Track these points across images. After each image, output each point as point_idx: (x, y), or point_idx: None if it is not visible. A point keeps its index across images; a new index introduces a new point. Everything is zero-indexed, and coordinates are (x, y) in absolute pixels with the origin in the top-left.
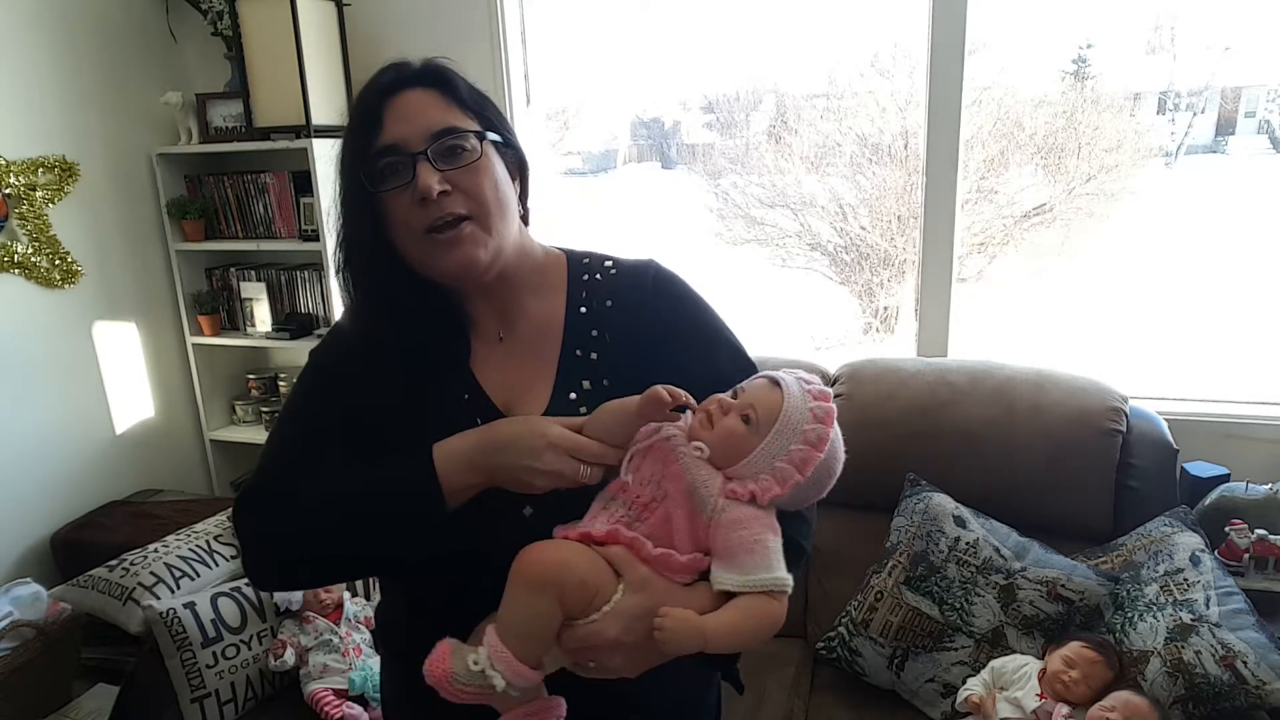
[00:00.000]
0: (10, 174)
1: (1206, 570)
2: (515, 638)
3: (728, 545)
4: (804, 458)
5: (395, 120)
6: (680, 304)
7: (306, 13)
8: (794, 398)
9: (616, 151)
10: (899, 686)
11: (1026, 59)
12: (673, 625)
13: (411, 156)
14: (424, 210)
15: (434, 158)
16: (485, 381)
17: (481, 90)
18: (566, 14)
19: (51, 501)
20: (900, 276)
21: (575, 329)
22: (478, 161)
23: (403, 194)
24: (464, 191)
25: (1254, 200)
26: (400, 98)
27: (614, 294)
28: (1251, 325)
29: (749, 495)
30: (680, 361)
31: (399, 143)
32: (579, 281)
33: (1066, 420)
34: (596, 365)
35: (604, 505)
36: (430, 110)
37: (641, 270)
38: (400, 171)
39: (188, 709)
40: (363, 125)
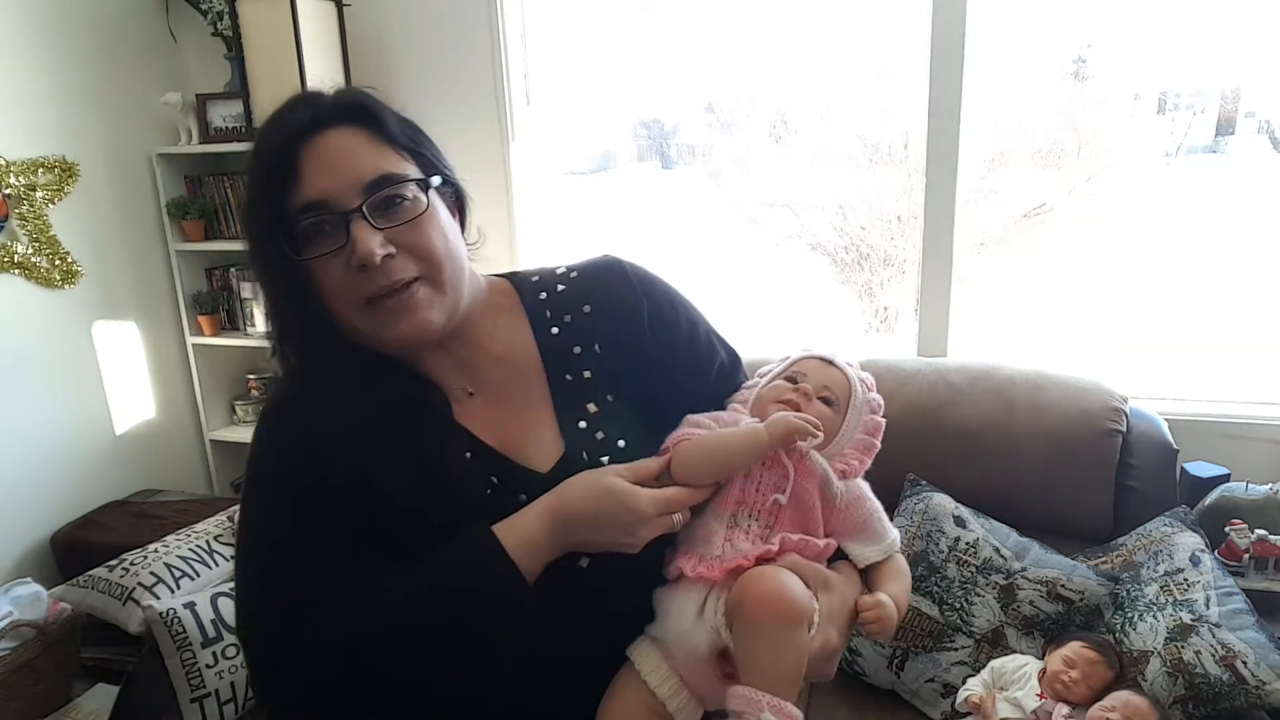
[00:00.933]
0: (10, 174)
1: (1206, 570)
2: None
3: (861, 520)
4: (875, 426)
5: (318, 170)
6: (661, 294)
7: (306, 13)
8: (851, 372)
9: (616, 151)
10: (899, 686)
11: (1026, 59)
12: (882, 613)
13: (344, 215)
14: (364, 278)
15: (371, 214)
16: (481, 435)
17: (409, 119)
18: (566, 14)
19: (51, 501)
20: (900, 276)
21: (554, 354)
22: (423, 214)
23: (335, 259)
24: (410, 250)
25: (1254, 200)
26: (320, 141)
27: (589, 299)
28: (1251, 325)
29: (849, 471)
30: (676, 354)
31: (326, 199)
32: (537, 302)
33: (1066, 420)
34: (594, 383)
35: (728, 524)
36: (359, 155)
37: (611, 268)
38: (330, 233)
39: (187, 709)
40: (276, 175)
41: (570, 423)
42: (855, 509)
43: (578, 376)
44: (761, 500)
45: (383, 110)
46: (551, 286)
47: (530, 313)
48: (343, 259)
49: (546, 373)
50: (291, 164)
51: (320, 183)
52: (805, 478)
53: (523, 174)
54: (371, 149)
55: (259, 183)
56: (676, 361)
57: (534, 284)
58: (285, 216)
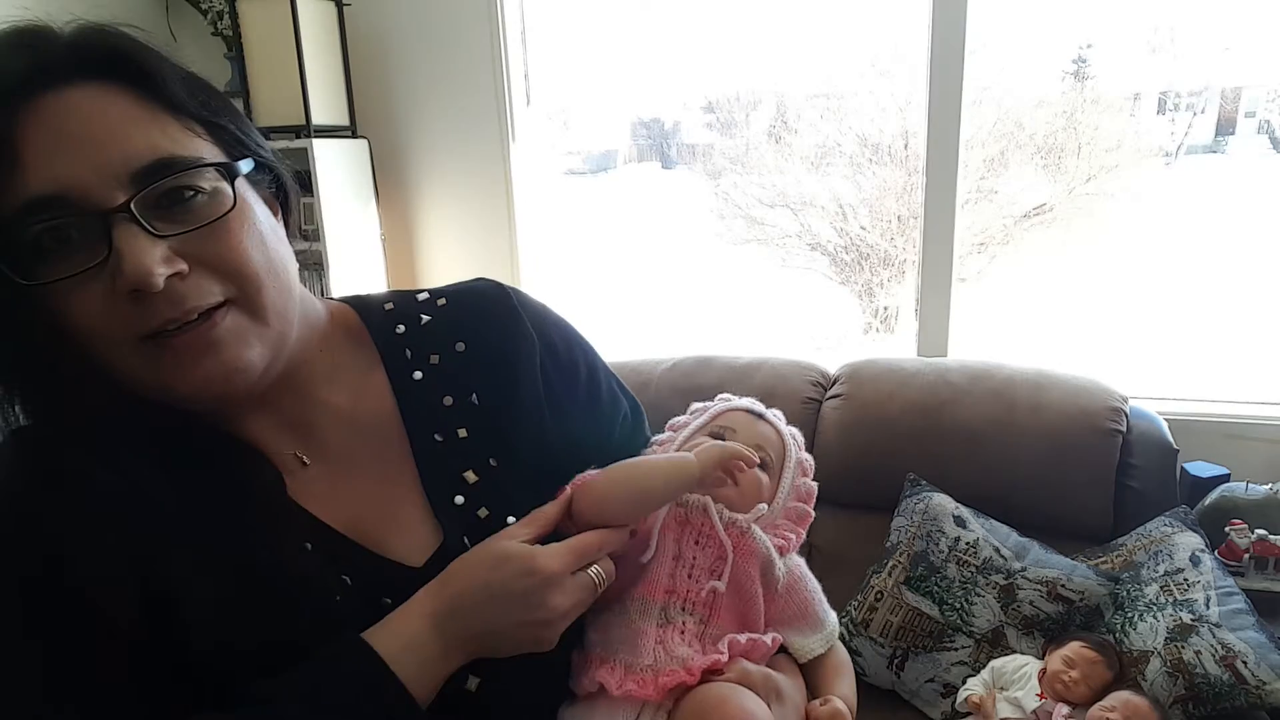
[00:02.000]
0: None
1: (1206, 570)
2: None
3: (802, 605)
4: (809, 491)
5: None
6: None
7: (306, 13)
8: (782, 427)
9: (616, 151)
10: (899, 686)
11: (1026, 59)
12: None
13: (100, 216)
14: (140, 308)
15: (146, 215)
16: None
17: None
18: (566, 14)
19: None
20: (900, 276)
21: (418, 406)
22: (229, 214)
23: (91, 282)
24: (210, 266)
25: (1254, 200)
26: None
27: (462, 334)
28: (1251, 325)
29: (785, 546)
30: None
31: (67, 192)
32: (393, 337)
33: (1066, 420)
34: (471, 443)
35: (658, 621)
36: (122, 128)
37: (491, 295)
38: (79, 242)
39: None
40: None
41: (444, 498)
42: (796, 592)
43: (450, 436)
44: (696, 588)
45: (156, 60)
46: (413, 318)
47: (384, 351)
48: (103, 281)
49: (408, 431)
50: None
51: (57, 168)
52: (745, 558)
53: (523, 174)
54: (141, 118)
55: None
56: (575, 414)
57: (387, 313)
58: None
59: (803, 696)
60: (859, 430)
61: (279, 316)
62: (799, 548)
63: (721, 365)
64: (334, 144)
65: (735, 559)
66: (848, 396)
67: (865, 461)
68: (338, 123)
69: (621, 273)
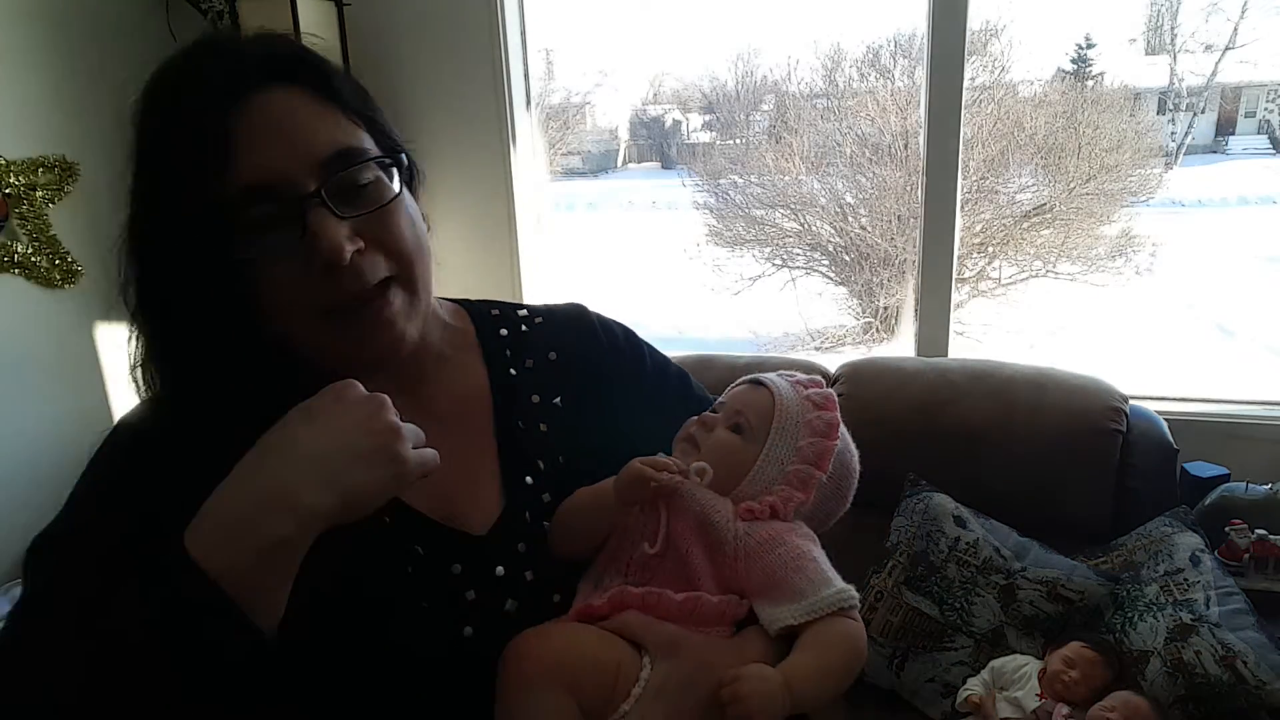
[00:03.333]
0: (10, 174)
1: (1206, 570)
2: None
3: (769, 572)
4: (818, 451)
5: (260, 141)
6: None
7: (306, 13)
8: (784, 390)
9: (616, 151)
10: (899, 686)
11: (1026, 59)
12: (749, 688)
13: (298, 201)
14: (328, 282)
15: (333, 200)
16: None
17: (353, 77)
18: (566, 13)
19: (52, 502)
20: (900, 276)
21: (509, 396)
22: (395, 200)
23: (287, 260)
24: (380, 245)
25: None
26: (264, 103)
27: (555, 346)
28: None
29: (769, 510)
30: (643, 422)
31: (274, 180)
32: (494, 338)
33: (1066, 420)
34: (548, 439)
35: (594, 583)
36: (309, 123)
37: (580, 318)
38: (276, 224)
39: None
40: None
41: (515, 477)
42: (758, 559)
43: (532, 427)
44: (631, 552)
45: (327, 64)
46: (514, 325)
47: (486, 347)
48: (298, 257)
49: (496, 416)
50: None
51: (262, 159)
52: (679, 520)
53: (523, 175)
54: (323, 115)
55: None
56: (644, 430)
57: (493, 318)
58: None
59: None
60: (859, 430)
61: (426, 292)
62: (796, 510)
63: (722, 365)
64: None
65: (668, 520)
66: (848, 396)
67: (865, 461)
68: None
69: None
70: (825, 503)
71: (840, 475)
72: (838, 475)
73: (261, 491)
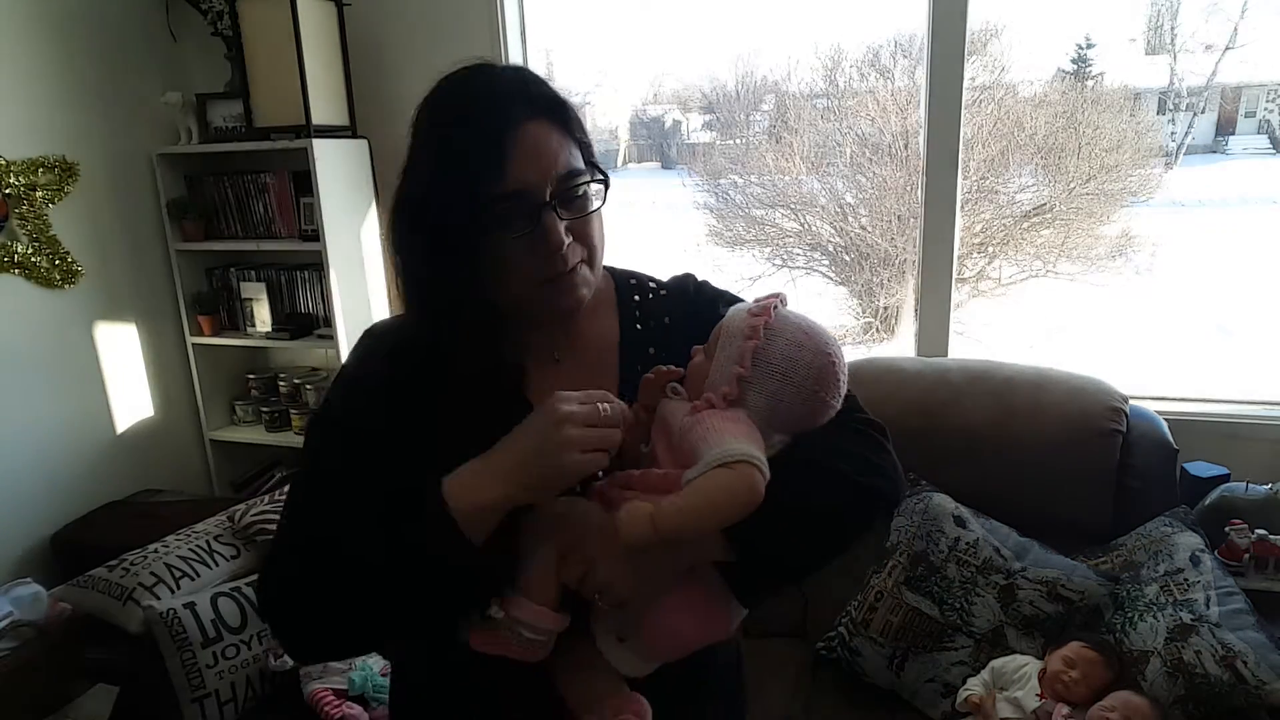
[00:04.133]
0: (10, 174)
1: (1206, 570)
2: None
3: (689, 447)
4: (741, 351)
5: (522, 160)
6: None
7: (306, 13)
8: (735, 310)
9: (617, 151)
10: (899, 686)
11: (1026, 59)
12: (624, 514)
13: (537, 205)
14: (547, 261)
15: (559, 207)
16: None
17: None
18: (566, 14)
19: (51, 501)
20: (900, 276)
21: (632, 346)
22: (597, 210)
23: (520, 242)
24: (581, 239)
25: (1254, 200)
26: (525, 131)
27: (669, 312)
28: (1252, 325)
29: (706, 404)
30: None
31: (527, 189)
32: (629, 301)
33: (1066, 420)
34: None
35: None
36: (553, 149)
37: (684, 285)
38: (523, 217)
39: (188, 709)
40: (485, 161)
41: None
42: (686, 439)
43: (646, 370)
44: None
45: (566, 104)
46: (644, 291)
47: (621, 306)
48: (526, 242)
49: (620, 358)
50: (499, 152)
51: (523, 173)
52: (658, 427)
53: None
54: (561, 143)
55: (463, 164)
56: None
57: (631, 284)
58: (490, 200)
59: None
60: None
61: (598, 272)
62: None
63: None
64: (334, 144)
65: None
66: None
67: None
68: (338, 123)
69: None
70: (779, 398)
71: (786, 369)
72: (782, 369)
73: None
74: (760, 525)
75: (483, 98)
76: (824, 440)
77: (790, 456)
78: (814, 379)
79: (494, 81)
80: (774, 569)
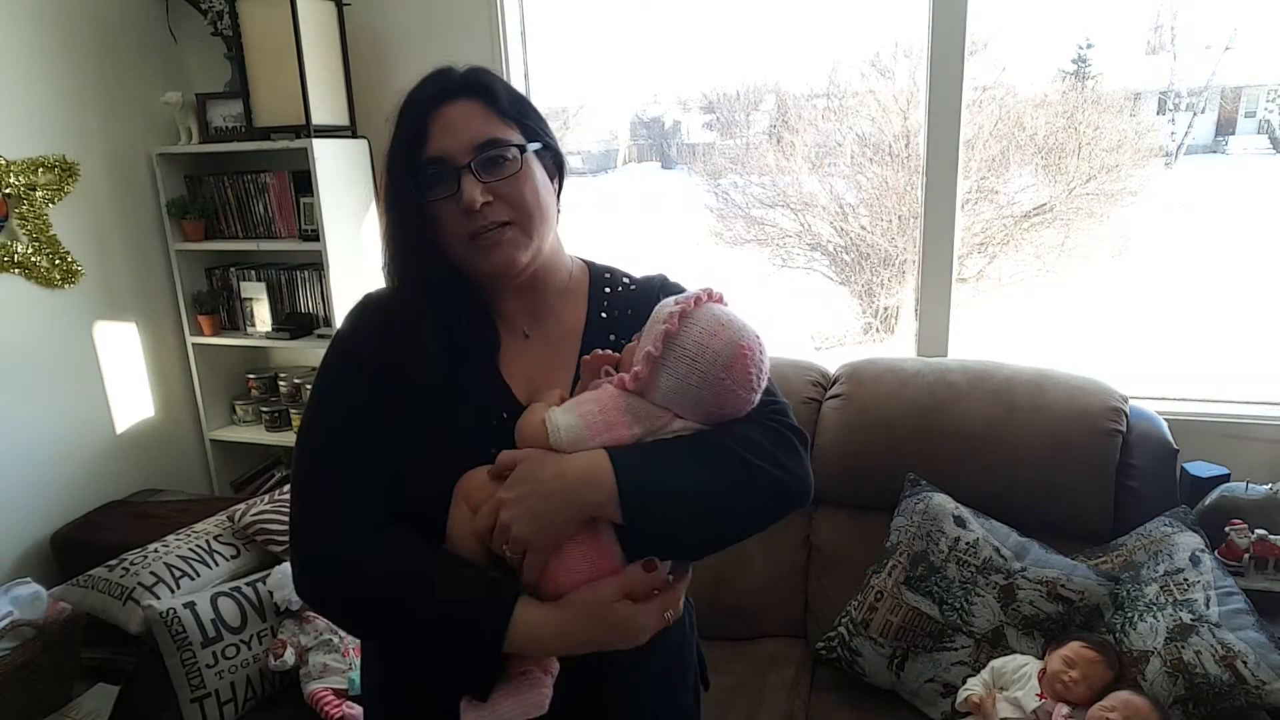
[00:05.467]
0: (10, 174)
1: (1206, 570)
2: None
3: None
4: (658, 334)
5: (441, 132)
6: None
7: (306, 13)
8: (665, 300)
9: (617, 151)
10: (899, 686)
11: (1026, 59)
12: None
13: (456, 169)
14: (468, 219)
15: (477, 170)
16: (509, 374)
17: (521, 94)
18: (566, 14)
19: (51, 501)
20: (900, 276)
21: (595, 332)
22: (519, 172)
23: (449, 203)
24: (505, 200)
25: (1254, 200)
26: (445, 109)
27: (633, 305)
28: (1252, 325)
29: (618, 382)
30: None
31: (445, 155)
32: (600, 292)
33: (1066, 420)
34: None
35: None
36: (473, 122)
37: (654, 283)
38: (446, 182)
39: (188, 709)
40: (410, 136)
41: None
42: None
43: None
44: None
45: (497, 86)
46: (615, 285)
47: (592, 296)
48: (453, 204)
49: (583, 344)
50: (423, 127)
51: (442, 143)
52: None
53: None
54: (484, 118)
55: (397, 140)
56: None
57: (605, 277)
58: (416, 168)
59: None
60: (859, 430)
61: (539, 237)
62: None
63: None
64: (334, 144)
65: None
66: (848, 396)
67: (865, 461)
68: (338, 123)
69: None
70: (687, 382)
71: (695, 354)
72: (691, 354)
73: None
74: (649, 498)
75: (423, 87)
76: (736, 430)
77: (696, 440)
78: (722, 366)
79: (439, 77)
80: (658, 543)
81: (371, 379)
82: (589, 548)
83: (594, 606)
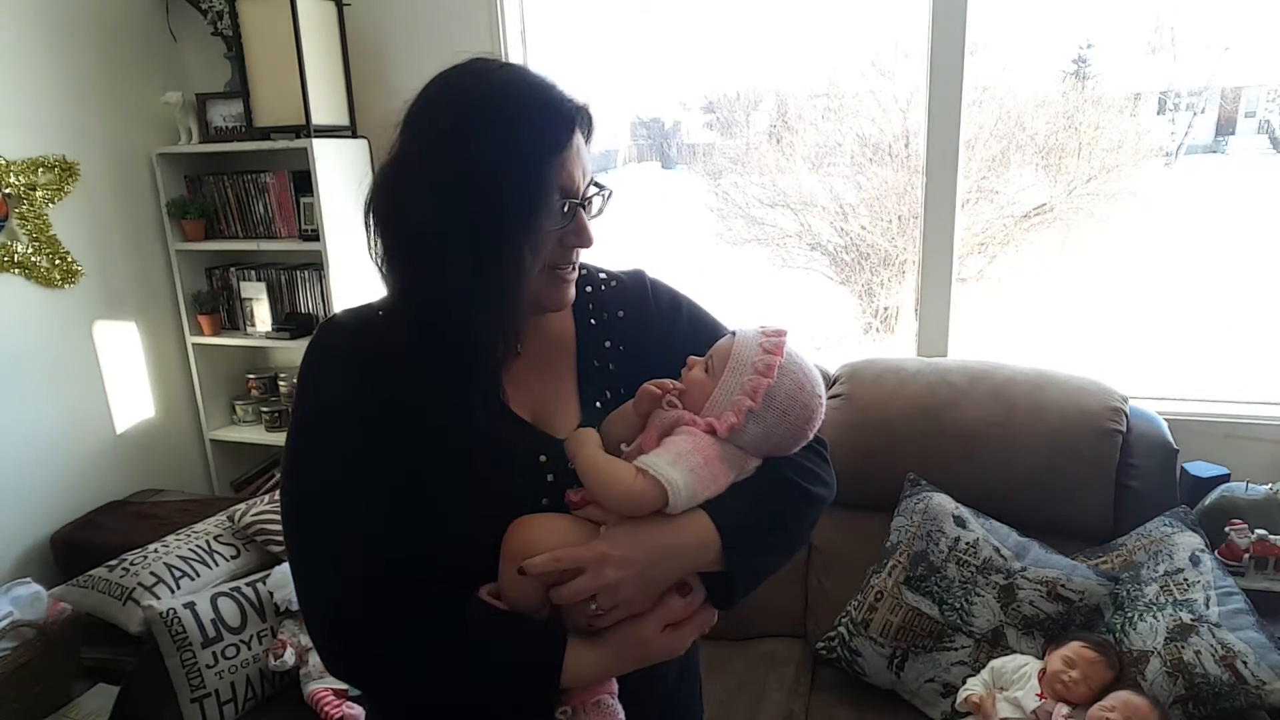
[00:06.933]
0: (10, 174)
1: (1206, 570)
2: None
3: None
4: (754, 386)
5: (574, 164)
6: (680, 310)
7: (306, 13)
8: (745, 338)
9: (616, 151)
10: (899, 686)
11: (1026, 59)
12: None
13: (579, 203)
14: (568, 253)
15: (588, 206)
16: (511, 397)
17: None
18: (566, 14)
19: (51, 501)
20: (900, 276)
21: (588, 340)
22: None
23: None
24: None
25: (1254, 200)
26: (576, 140)
27: (623, 306)
28: (1252, 325)
29: (707, 426)
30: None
31: (574, 187)
32: (581, 293)
33: (1066, 420)
34: (614, 375)
35: None
36: (587, 159)
37: (639, 281)
38: (565, 212)
39: (188, 709)
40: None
41: (589, 400)
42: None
43: (604, 365)
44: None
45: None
46: (597, 285)
47: (576, 301)
48: (560, 234)
49: (578, 354)
50: (559, 151)
51: (575, 174)
52: (652, 430)
53: None
54: (588, 153)
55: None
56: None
57: (582, 277)
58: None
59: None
60: (859, 430)
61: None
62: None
63: None
64: (334, 144)
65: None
66: (848, 396)
67: (865, 461)
68: (338, 123)
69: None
70: (772, 431)
71: (786, 407)
72: (783, 406)
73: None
74: (748, 537)
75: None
76: (789, 459)
77: (770, 481)
78: (806, 419)
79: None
80: (754, 577)
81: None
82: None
83: (636, 642)
